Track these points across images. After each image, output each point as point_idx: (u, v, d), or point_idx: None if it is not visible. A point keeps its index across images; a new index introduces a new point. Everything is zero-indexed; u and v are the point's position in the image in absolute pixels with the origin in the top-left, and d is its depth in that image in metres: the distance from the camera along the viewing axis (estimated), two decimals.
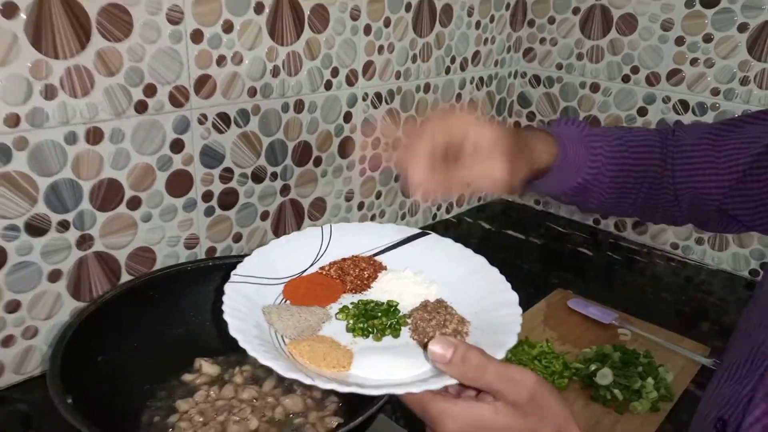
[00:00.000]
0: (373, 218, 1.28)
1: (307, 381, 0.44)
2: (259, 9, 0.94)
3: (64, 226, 0.83)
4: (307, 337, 0.52)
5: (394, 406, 0.82)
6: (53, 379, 0.58)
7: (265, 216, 1.08)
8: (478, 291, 0.57)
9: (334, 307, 0.57)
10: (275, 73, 1.00)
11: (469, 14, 1.32)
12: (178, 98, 0.89)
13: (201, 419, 0.69)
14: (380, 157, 0.50)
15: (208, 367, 0.77)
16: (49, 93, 0.76)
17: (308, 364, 0.48)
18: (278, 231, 1.11)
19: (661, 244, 1.35)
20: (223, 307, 0.50)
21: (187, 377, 0.77)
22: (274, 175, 1.06)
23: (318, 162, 1.13)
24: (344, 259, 0.62)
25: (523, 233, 1.41)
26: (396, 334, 0.54)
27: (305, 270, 0.61)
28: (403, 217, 1.36)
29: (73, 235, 0.84)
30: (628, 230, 1.40)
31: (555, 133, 0.68)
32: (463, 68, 1.36)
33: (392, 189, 1.30)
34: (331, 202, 1.18)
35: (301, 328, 0.53)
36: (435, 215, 1.44)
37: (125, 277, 0.92)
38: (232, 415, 0.70)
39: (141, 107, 0.86)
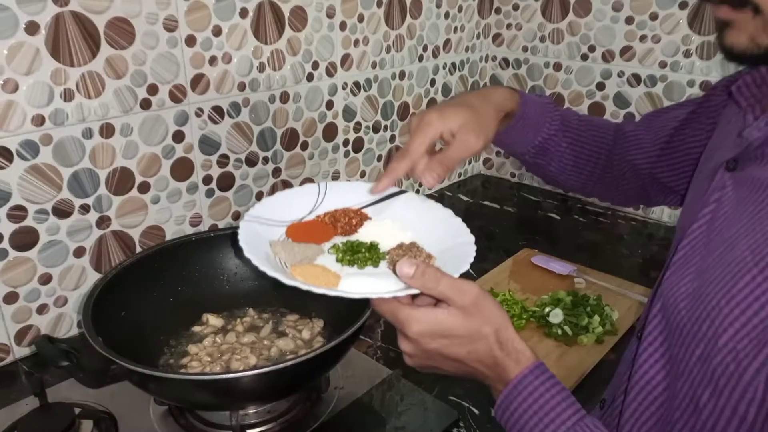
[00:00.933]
0: None
1: (304, 287, 0.56)
2: (243, 14, 1.07)
3: (85, 209, 0.96)
4: (304, 264, 0.63)
5: (377, 348, 0.96)
6: (87, 323, 0.72)
7: (260, 196, 1.21)
8: (443, 234, 0.68)
9: (327, 245, 0.68)
10: (261, 69, 1.13)
11: (438, 6, 1.44)
12: (177, 95, 1.02)
13: (209, 359, 0.83)
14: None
15: (213, 320, 0.91)
16: (68, 96, 0.90)
17: (305, 282, 0.58)
18: None
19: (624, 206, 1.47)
20: (239, 237, 0.62)
21: (196, 328, 0.90)
22: (266, 159, 1.20)
23: (305, 146, 1.26)
24: (336, 210, 0.72)
25: (498, 203, 1.54)
26: (376, 264, 0.65)
27: (304, 217, 0.71)
28: None
29: (93, 216, 0.98)
30: None
31: (519, 93, 0.80)
32: (435, 55, 1.49)
33: (375, 168, 1.44)
34: (319, 181, 1.31)
35: (300, 258, 0.64)
36: (418, 191, 1.57)
37: None
38: (234, 355, 0.83)
39: (145, 104, 0.99)
